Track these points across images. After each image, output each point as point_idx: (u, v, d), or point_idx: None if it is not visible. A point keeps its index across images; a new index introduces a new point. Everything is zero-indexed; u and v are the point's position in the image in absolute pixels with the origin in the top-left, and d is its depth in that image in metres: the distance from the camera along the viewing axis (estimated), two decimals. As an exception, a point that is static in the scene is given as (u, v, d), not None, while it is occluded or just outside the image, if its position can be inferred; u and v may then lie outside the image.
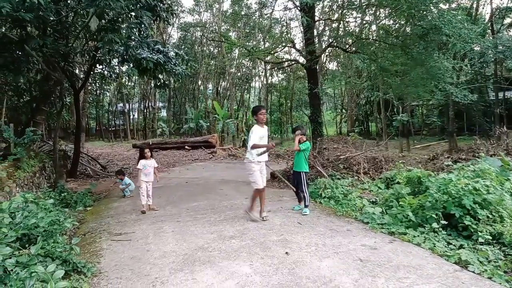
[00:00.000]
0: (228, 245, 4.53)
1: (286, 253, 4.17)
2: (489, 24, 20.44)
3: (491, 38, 18.15)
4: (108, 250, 4.57)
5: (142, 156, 7.00)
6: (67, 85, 12.47)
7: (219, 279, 3.51)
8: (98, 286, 3.47)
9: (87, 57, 11.37)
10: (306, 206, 6.23)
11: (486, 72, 20.84)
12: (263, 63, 28.00)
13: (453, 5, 10.49)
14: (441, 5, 9.23)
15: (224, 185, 9.81)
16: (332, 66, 27.28)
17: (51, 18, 8.99)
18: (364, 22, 13.03)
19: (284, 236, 4.82)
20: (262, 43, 18.79)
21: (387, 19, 11.49)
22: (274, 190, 9.06)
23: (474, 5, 19.23)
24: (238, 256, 4.13)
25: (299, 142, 6.42)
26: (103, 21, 8.71)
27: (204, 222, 5.79)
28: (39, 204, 4.53)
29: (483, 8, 22.60)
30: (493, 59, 18.31)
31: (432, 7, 8.75)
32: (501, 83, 20.41)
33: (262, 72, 33.67)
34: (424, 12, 8.74)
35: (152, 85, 29.45)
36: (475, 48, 15.99)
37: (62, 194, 7.38)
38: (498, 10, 20.23)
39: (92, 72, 12.82)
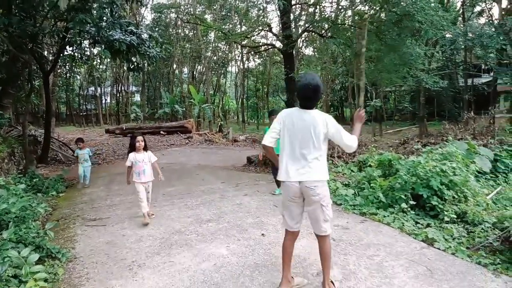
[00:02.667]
0: (205, 228, 4.57)
1: (262, 234, 4.27)
2: (461, 11, 21.01)
3: (462, 25, 18.69)
4: (82, 236, 4.52)
5: (132, 147, 5.09)
6: (35, 67, 11.96)
7: (196, 261, 3.56)
8: (74, 271, 3.45)
9: (57, 38, 10.90)
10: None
11: (456, 59, 21.50)
12: (239, 47, 27.73)
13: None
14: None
15: (200, 170, 9.80)
16: (308, 51, 27.30)
17: (17, -4, 8.57)
18: (340, 7, 13.09)
19: (260, 219, 4.91)
20: (239, 26, 18.57)
21: (362, 5, 11.57)
22: (251, 174, 9.14)
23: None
24: (215, 238, 4.19)
25: None
26: (73, 0, 8.36)
27: (181, 206, 5.80)
28: (9, 189, 4.40)
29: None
30: (463, 47, 18.89)
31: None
32: (470, 70, 21.14)
33: (238, 57, 33.36)
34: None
35: (125, 68, 28.65)
36: (447, 35, 16.42)
37: (33, 180, 7.16)
38: (468, -2, 20.80)
39: (62, 54, 12.32)
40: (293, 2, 11.68)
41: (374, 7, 10.94)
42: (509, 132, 9.26)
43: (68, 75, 31.59)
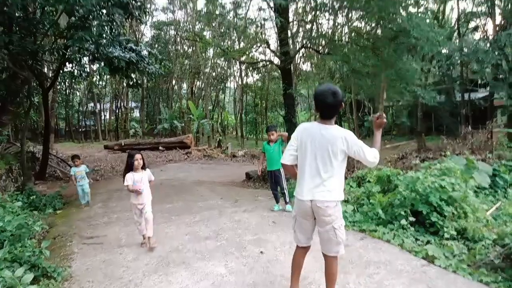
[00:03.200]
0: (203, 246, 4.52)
1: (261, 252, 4.21)
2: (456, 27, 21.35)
3: (457, 41, 18.97)
4: (79, 254, 4.46)
5: (129, 167, 4.56)
6: (35, 84, 12.02)
7: (194, 280, 3.51)
8: (69, 291, 3.39)
9: (56, 55, 11.00)
10: (287, 203, 6.29)
11: (452, 74, 21.73)
12: (238, 63, 28.00)
13: (421, 9, 10.85)
14: (410, 8, 9.57)
15: (199, 186, 9.75)
16: (306, 67, 27.63)
17: (18, 15, 8.67)
18: (337, 24, 13.30)
19: (259, 236, 4.86)
20: (237, 43, 18.79)
21: (358, 22, 11.77)
22: (250, 190, 9.10)
23: (441, 9, 20.01)
24: (213, 256, 4.13)
25: (274, 142, 6.33)
26: (73, 18, 8.48)
27: (179, 223, 5.74)
28: (5, 207, 4.36)
29: (450, 12, 23.58)
30: (459, 62, 19.12)
31: (401, 11, 9.06)
32: (467, 85, 21.35)
33: (237, 72, 33.67)
34: (394, 15, 9.03)
35: (125, 84, 28.91)
36: (443, 51, 16.64)
37: (31, 197, 7.12)
38: (463, 14, 21.17)
39: (61, 71, 12.41)
40: (290, 19, 11.87)
41: (370, 24, 11.13)
42: (507, 146, 9.26)
43: (67, 91, 31.79)
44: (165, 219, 6.09)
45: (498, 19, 18.92)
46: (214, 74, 34.49)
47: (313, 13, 12.13)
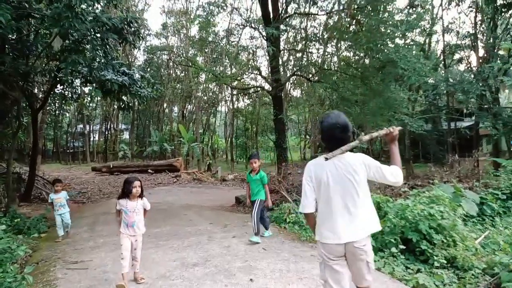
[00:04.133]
0: (191, 273, 4.42)
1: (251, 279, 4.14)
2: (441, 59, 22.11)
3: (443, 72, 19.60)
4: (63, 280, 4.32)
5: (125, 193, 4.12)
6: (24, 104, 11.95)
7: (181, 308, 3.41)
8: (51, 320, 3.26)
9: (48, 76, 11.01)
10: (267, 229, 6.20)
11: (439, 103, 22.31)
12: (229, 88, 28.34)
13: (408, 41, 11.27)
14: (397, 40, 9.93)
15: (188, 210, 9.63)
16: (297, 93, 28.10)
17: (11, 36, 8.71)
18: (326, 53, 13.68)
19: (249, 263, 4.78)
20: (229, 68, 19.11)
21: (347, 51, 12.13)
22: (239, 215, 9.01)
23: (427, 42, 20.77)
24: (201, 284, 4.04)
25: (256, 172, 6.09)
26: (66, 41, 8.55)
27: (166, 249, 5.63)
28: (-12, 231, 4.24)
29: (435, 44, 24.47)
30: (445, 92, 19.68)
31: (388, 42, 9.39)
32: (453, 114, 21.90)
33: (228, 97, 34.03)
34: (382, 46, 9.35)
35: (115, 106, 28.92)
36: (429, 81, 17.14)
37: (15, 220, 6.91)
38: (448, 47, 21.98)
39: (52, 92, 12.39)
40: (281, 48, 12.17)
41: (359, 54, 11.47)
42: (494, 175, 9.42)
43: (57, 112, 31.57)
44: (152, 244, 5.96)
45: (481, 52, 19.71)
46: (205, 98, 34.78)
47: (304, 42, 12.49)
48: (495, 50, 17.38)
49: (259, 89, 16.04)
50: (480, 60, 18.97)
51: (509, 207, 7.65)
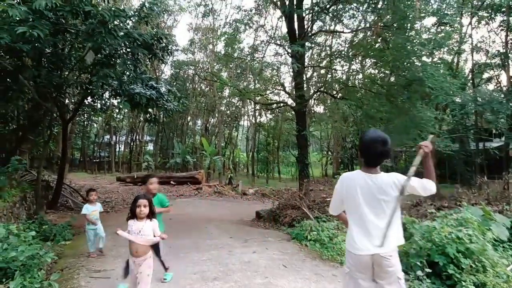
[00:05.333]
0: (211, 287, 4.42)
1: (271, 297, 4.10)
2: (470, 77, 21.62)
3: (471, 91, 19.14)
4: (86, 288, 4.41)
5: (132, 213, 3.61)
6: (56, 115, 12.44)
7: (201, 322, 3.41)
8: (74, 327, 3.32)
9: (79, 89, 11.47)
10: (167, 269, 4.86)
11: (466, 123, 21.71)
12: (252, 103, 28.60)
13: (435, 59, 11.11)
14: (424, 58, 9.81)
15: (208, 223, 9.66)
16: (320, 109, 27.98)
17: (47, 50, 9.17)
18: (351, 70, 13.65)
19: (269, 279, 4.74)
20: (253, 84, 19.34)
21: (372, 69, 12.06)
22: (259, 229, 8.97)
23: (455, 60, 20.41)
24: (221, 298, 4.04)
25: (153, 194, 4.83)
26: (99, 55, 8.93)
27: (187, 261, 5.66)
28: (20, 236, 4.40)
29: (464, 63, 23.98)
30: (473, 111, 19.16)
31: (415, 60, 9.29)
32: (481, 134, 21.23)
33: (251, 111, 34.28)
34: (408, 64, 9.25)
35: (141, 118, 29.66)
36: (457, 100, 16.77)
37: (43, 227, 7.15)
38: (477, 65, 21.50)
39: (82, 104, 12.88)
40: (305, 64, 12.24)
41: (384, 71, 11.39)
42: (525, 198, 9.02)
43: (85, 123, 32.64)
44: (173, 256, 5.99)
45: (512, 71, 19.16)
46: (228, 112, 35.17)
47: (328, 59, 12.52)
48: (527, 70, 16.88)
49: (282, 104, 16.12)
50: (511, 80, 18.43)
51: (543, 233, 7.27)
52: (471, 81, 21.61)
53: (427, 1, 10.06)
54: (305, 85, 12.72)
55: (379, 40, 10.26)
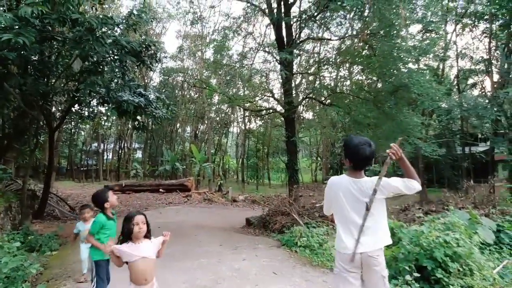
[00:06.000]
0: (201, 296, 4.39)
1: (261, 304, 4.08)
2: (455, 83, 22.05)
3: (457, 97, 19.51)
4: (73, 299, 4.32)
5: (127, 234, 2.95)
6: (42, 123, 12.27)
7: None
8: None
9: (67, 96, 11.34)
10: None
11: (453, 128, 22.07)
12: (242, 110, 28.63)
13: (421, 65, 11.31)
14: (410, 65, 9.98)
15: (198, 231, 9.59)
16: (309, 115, 28.15)
17: (34, 58, 9.06)
18: (339, 77, 13.79)
19: (259, 287, 4.73)
20: (242, 90, 19.38)
21: (360, 75, 12.22)
22: (249, 236, 8.94)
23: (441, 66, 20.79)
24: (211, 307, 4.00)
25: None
26: (86, 63, 8.86)
27: (176, 270, 5.60)
28: (3, 248, 4.30)
29: (449, 69, 24.44)
30: (459, 116, 19.51)
31: (401, 67, 9.45)
32: (467, 139, 21.60)
33: (240, 118, 34.31)
34: (394, 71, 9.41)
35: (130, 126, 29.41)
36: (443, 105, 17.07)
37: (28, 237, 7.00)
38: (462, 72, 21.94)
39: (69, 112, 12.72)
40: (294, 71, 12.34)
41: (372, 78, 11.55)
42: (510, 202, 9.19)
43: (72, 131, 32.23)
44: (161, 264, 5.93)
45: (496, 77, 19.61)
46: (218, 119, 35.14)
47: (316, 66, 12.64)
48: (510, 76, 17.29)
49: (271, 111, 16.17)
50: (495, 85, 18.84)
51: (528, 235, 7.41)
52: (456, 87, 22.02)
53: (413, 9, 10.27)
54: (294, 92, 12.80)
55: (366, 47, 10.41)
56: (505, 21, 16.62)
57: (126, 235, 2.93)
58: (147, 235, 3.04)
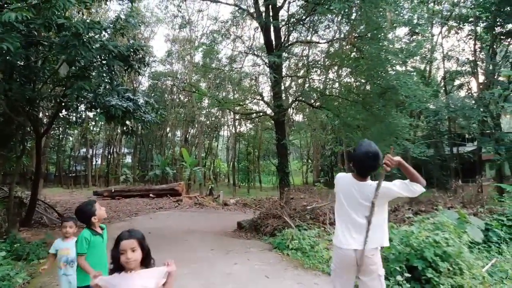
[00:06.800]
0: (193, 301, 4.34)
1: (253, 309, 4.06)
2: (442, 85, 22.39)
3: (444, 98, 19.81)
4: (61, 309, 4.23)
5: (116, 264, 2.29)
6: (29, 129, 12.06)
7: None
8: None
9: (54, 102, 11.18)
10: None
11: (441, 129, 22.39)
12: (232, 113, 28.61)
13: (409, 67, 11.46)
14: (398, 67, 10.10)
15: (189, 236, 9.52)
16: (299, 118, 28.28)
17: (19, 63, 8.91)
18: (328, 79, 13.88)
19: (251, 291, 4.70)
20: (232, 94, 19.37)
21: (348, 78, 12.32)
22: (241, 240, 8.90)
23: (428, 68, 21.11)
24: (203, 313, 3.96)
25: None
26: (73, 68, 8.75)
27: (167, 276, 5.53)
28: (-12, 258, 4.20)
29: (436, 70, 24.80)
30: (446, 117, 19.80)
31: (389, 69, 9.55)
32: (455, 139, 21.93)
33: (230, 121, 34.27)
34: (382, 73, 9.51)
35: (119, 131, 29.12)
36: (430, 107, 17.30)
37: (14, 245, 6.85)
38: (448, 73, 22.30)
39: (57, 117, 12.54)
40: (283, 74, 12.37)
41: (360, 80, 11.65)
42: (498, 201, 9.34)
43: (60, 136, 31.79)
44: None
45: (481, 78, 19.98)
46: (208, 122, 35.05)
47: (305, 69, 12.70)
48: (495, 77, 17.61)
49: (261, 114, 16.19)
50: (481, 86, 19.18)
51: (516, 233, 7.53)
52: (443, 88, 22.36)
53: (399, 12, 10.40)
54: (283, 95, 12.84)
55: (354, 50, 10.51)
56: (489, 23, 16.98)
57: (116, 264, 2.26)
58: (146, 262, 2.36)
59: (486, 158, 22.77)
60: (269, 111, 14.40)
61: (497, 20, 16.65)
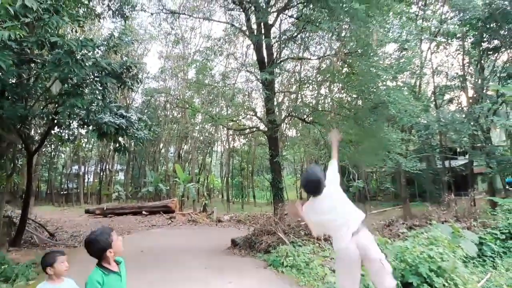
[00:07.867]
0: (186, 322, 4.25)
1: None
2: (432, 99, 22.73)
3: (434, 112, 20.08)
4: (50, 332, 4.10)
5: None
6: (20, 146, 11.94)
7: None
8: None
9: (45, 119, 11.10)
10: None
11: (432, 143, 22.62)
12: (225, 129, 28.64)
13: (399, 83, 11.63)
14: (388, 83, 10.25)
15: (182, 254, 9.38)
16: (292, 133, 28.37)
17: (11, 81, 8.89)
18: (320, 95, 14.01)
19: (245, 310, 4.62)
20: (225, 110, 19.43)
21: (340, 93, 12.45)
22: (235, 257, 8.79)
23: (418, 83, 21.44)
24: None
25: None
26: (66, 85, 8.73)
27: (159, 296, 5.44)
28: (-26, 281, 4.08)
29: (426, 85, 25.21)
30: (437, 131, 20.04)
31: (379, 84, 9.69)
32: (446, 153, 22.14)
33: (224, 137, 34.25)
34: (373, 89, 9.64)
35: (111, 147, 28.92)
36: (421, 121, 17.51)
37: (2, 267, 6.69)
38: (438, 88, 22.68)
39: (49, 134, 12.44)
40: (276, 90, 12.49)
41: (351, 95, 11.78)
42: (491, 214, 9.39)
43: (52, 154, 31.48)
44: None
45: (471, 92, 20.34)
46: (201, 138, 34.99)
47: (297, 85, 12.83)
48: (484, 91, 17.95)
49: (254, 129, 16.24)
50: (470, 100, 19.52)
51: (509, 247, 7.54)
52: (433, 103, 22.68)
53: (388, 29, 10.62)
54: (276, 110, 12.91)
55: (345, 66, 10.66)
56: (477, 39, 17.40)
57: None
58: None
59: (478, 171, 22.99)
60: (262, 126, 14.46)
61: (484, 36, 17.09)
